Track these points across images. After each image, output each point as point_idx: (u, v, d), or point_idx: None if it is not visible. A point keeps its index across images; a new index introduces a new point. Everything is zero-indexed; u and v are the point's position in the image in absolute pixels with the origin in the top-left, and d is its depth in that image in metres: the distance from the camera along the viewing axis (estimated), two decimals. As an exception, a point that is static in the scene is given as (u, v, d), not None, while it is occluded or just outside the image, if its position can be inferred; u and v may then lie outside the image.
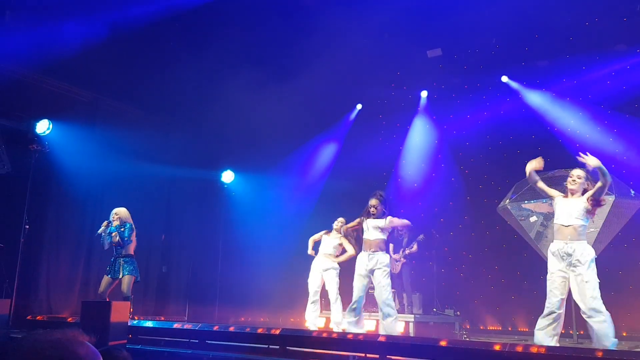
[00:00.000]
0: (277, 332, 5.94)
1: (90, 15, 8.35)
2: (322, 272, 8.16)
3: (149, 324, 7.13)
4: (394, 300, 10.30)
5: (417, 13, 10.05)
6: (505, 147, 10.79)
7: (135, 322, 6.91)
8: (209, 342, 6.36)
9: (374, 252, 6.75)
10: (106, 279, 7.47)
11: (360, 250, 7.10)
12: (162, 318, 9.57)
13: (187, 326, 6.83)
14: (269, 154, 11.62)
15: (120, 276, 7.38)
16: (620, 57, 9.74)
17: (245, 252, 10.71)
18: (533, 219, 8.98)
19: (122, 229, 7.47)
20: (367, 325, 9.55)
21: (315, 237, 8.57)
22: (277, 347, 5.82)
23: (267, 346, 5.90)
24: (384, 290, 6.67)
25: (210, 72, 9.96)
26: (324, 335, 5.71)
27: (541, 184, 6.00)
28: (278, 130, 11.49)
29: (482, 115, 11.13)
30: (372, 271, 6.77)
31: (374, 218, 6.86)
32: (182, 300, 10.77)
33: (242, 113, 10.69)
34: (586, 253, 5.37)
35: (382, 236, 6.85)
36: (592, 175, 5.65)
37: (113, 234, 7.45)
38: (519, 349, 4.54)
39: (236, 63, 9.95)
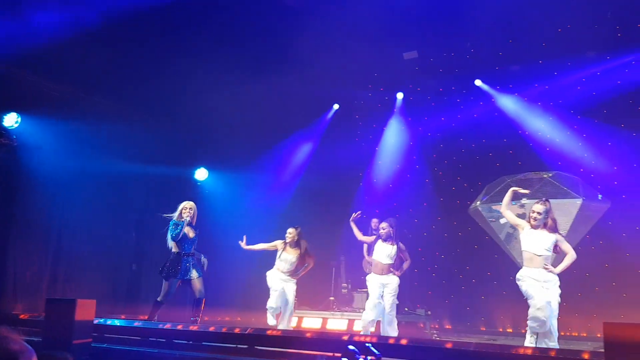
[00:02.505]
0: (246, 331, 5.91)
1: (62, 7, 8.20)
2: (284, 285, 7.87)
3: (115, 322, 7.02)
4: (366, 300, 10.39)
5: (393, 15, 10.11)
6: (478, 150, 10.94)
7: (101, 320, 6.80)
8: (177, 341, 6.29)
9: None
10: (173, 282, 7.25)
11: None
12: (126, 317, 9.45)
13: (154, 325, 6.75)
14: (244, 152, 11.57)
15: (195, 277, 7.31)
16: (590, 64, 9.94)
17: (218, 251, 10.59)
18: (503, 220, 9.10)
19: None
20: (339, 324, 9.60)
21: (267, 246, 8.12)
22: (246, 346, 5.79)
23: (235, 345, 5.86)
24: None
25: (185, 68, 9.85)
26: (292, 334, 5.71)
27: (509, 213, 6.47)
28: (254, 128, 11.45)
29: (456, 118, 11.26)
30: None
31: (383, 241, 7.46)
32: (153, 300, 10.61)
33: (217, 110, 10.62)
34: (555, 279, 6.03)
35: (392, 261, 7.51)
36: None
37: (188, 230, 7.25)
38: (487, 348, 4.59)
39: (212, 59, 9.87)
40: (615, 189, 9.39)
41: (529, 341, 5.86)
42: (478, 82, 11.10)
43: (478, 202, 9.63)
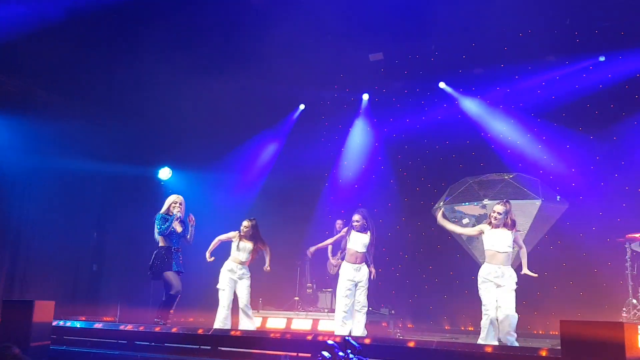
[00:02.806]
0: (210, 332, 5.86)
1: (19, 2, 7.98)
2: (237, 280, 7.66)
3: (75, 324, 6.87)
4: (331, 300, 10.42)
5: (359, 17, 10.20)
6: (442, 151, 11.10)
7: (60, 322, 6.65)
8: (138, 343, 6.20)
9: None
10: (172, 274, 7.07)
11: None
12: (87, 318, 9.26)
13: (115, 326, 6.63)
14: (208, 151, 11.45)
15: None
16: (550, 68, 10.21)
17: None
18: (465, 221, 9.26)
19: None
20: (303, 324, 9.60)
21: (224, 238, 7.82)
22: (209, 347, 5.74)
23: (198, 347, 5.81)
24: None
25: (147, 66, 9.71)
26: (256, 335, 5.69)
27: (465, 229, 7.03)
28: (219, 127, 11.36)
29: (420, 119, 11.41)
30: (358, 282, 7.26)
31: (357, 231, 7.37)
32: (113, 301, 10.42)
33: (182, 109, 10.51)
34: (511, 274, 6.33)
35: (366, 249, 7.45)
36: None
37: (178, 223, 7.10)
38: (449, 346, 4.66)
39: (175, 56, 9.77)
40: (573, 191, 9.65)
41: (481, 338, 6.08)
42: (442, 85, 11.27)
43: (441, 203, 9.77)
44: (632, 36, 9.62)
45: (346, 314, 7.12)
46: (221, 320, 7.35)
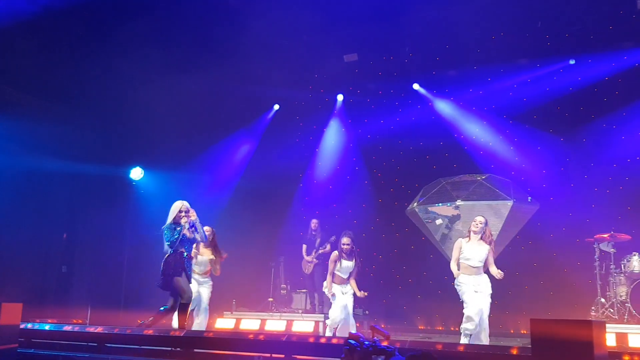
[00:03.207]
0: (182, 334, 5.79)
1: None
2: (198, 288, 7.65)
3: (43, 327, 6.71)
4: (306, 301, 10.42)
5: (334, 18, 10.21)
6: (416, 152, 11.17)
7: (28, 324, 6.49)
8: (109, 345, 6.09)
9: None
10: (184, 279, 6.69)
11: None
12: (59, 321, 9.07)
13: (85, 329, 6.50)
14: (181, 151, 11.34)
15: None
16: (522, 71, 10.36)
17: (153, 253, 10.34)
18: (439, 221, 9.35)
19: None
20: (277, 325, 9.57)
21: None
22: (181, 349, 5.67)
23: (170, 348, 5.73)
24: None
25: (118, 63, 9.57)
26: (229, 336, 5.64)
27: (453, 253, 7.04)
28: (192, 127, 11.25)
29: (394, 120, 11.48)
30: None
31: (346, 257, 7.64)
32: (84, 303, 10.23)
33: (154, 109, 10.37)
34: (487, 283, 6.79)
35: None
36: None
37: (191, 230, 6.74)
38: (422, 346, 4.69)
39: (147, 55, 9.64)
40: (543, 192, 9.81)
41: (463, 341, 6.38)
42: (416, 86, 11.35)
43: (415, 204, 9.84)
44: (601, 40, 9.84)
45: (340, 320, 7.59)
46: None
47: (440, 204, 9.45)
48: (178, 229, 6.65)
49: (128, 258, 10.82)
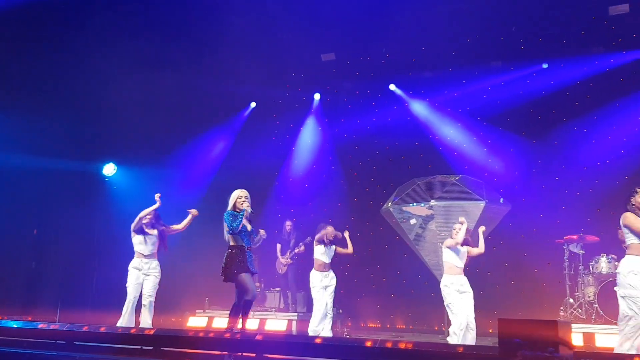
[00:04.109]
0: (151, 332, 5.72)
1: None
2: (144, 276, 7.39)
3: (11, 324, 6.58)
4: (279, 299, 10.40)
5: (312, 17, 10.22)
6: (391, 152, 11.25)
7: (-7, 322, 6.36)
8: (77, 343, 5.98)
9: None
10: (248, 276, 6.36)
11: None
12: (30, 318, 8.92)
13: (53, 326, 6.38)
14: (155, 147, 11.20)
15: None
16: (496, 74, 10.51)
17: (125, 250, 10.22)
18: (413, 221, 9.40)
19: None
20: (250, 324, 9.52)
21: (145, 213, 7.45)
22: (151, 347, 5.60)
23: (140, 347, 5.65)
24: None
25: (92, 57, 9.42)
26: (200, 335, 5.58)
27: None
28: (167, 123, 11.13)
29: (370, 120, 11.54)
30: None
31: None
32: (53, 300, 10.06)
33: (128, 104, 10.22)
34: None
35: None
36: None
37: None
38: (389, 344, 4.71)
39: (122, 49, 9.51)
40: (515, 193, 9.96)
41: (453, 340, 6.69)
42: (392, 87, 11.42)
43: (390, 203, 9.88)
44: (574, 45, 10.03)
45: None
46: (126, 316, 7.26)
47: (414, 204, 9.50)
48: (240, 214, 6.39)
49: (99, 255, 10.66)
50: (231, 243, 6.47)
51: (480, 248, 7.29)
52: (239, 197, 6.52)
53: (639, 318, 5.19)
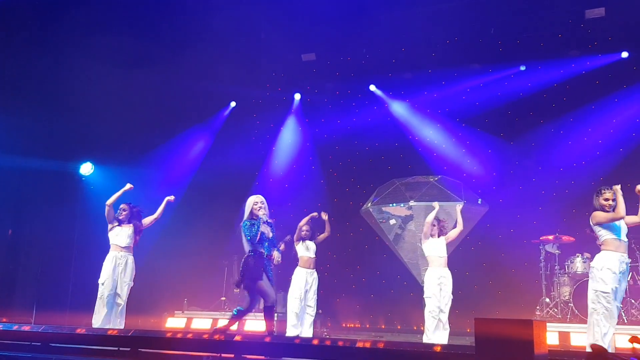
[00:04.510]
0: (129, 333, 5.68)
1: None
2: (120, 270, 7.21)
3: (-16, 326, 6.47)
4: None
5: (293, 17, 10.21)
6: (371, 153, 11.29)
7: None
8: (53, 345, 5.91)
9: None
10: (266, 282, 6.16)
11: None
12: (4, 320, 8.76)
13: (28, 328, 6.30)
14: (134, 146, 11.07)
15: None
16: (474, 75, 10.62)
17: (103, 251, 10.10)
18: (392, 221, 9.46)
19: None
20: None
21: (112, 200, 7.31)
22: (128, 349, 5.56)
23: (117, 348, 5.61)
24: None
25: (69, 55, 9.29)
26: (178, 336, 5.57)
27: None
28: (145, 122, 11.01)
29: (351, 121, 11.58)
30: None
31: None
32: (29, 302, 9.90)
33: (105, 102, 10.11)
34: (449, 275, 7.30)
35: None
36: None
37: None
38: (368, 344, 4.74)
39: (100, 47, 9.39)
40: (493, 194, 10.07)
41: (428, 324, 7.07)
42: (372, 88, 11.47)
43: (369, 204, 9.93)
44: (551, 48, 10.18)
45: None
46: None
47: (393, 204, 9.57)
48: (256, 223, 6.25)
49: (76, 256, 10.52)
50: (249, 250, 6.27)
51: (459, 226, 7.36)
52: (254, 203, 6.37)
53: (601, 314, 5.33)
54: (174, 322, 9.71)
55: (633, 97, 9.78)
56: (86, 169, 10.73)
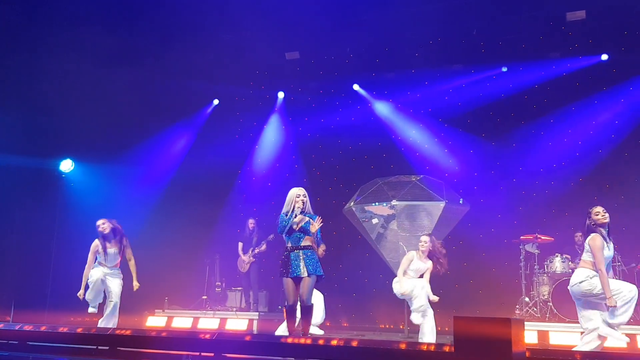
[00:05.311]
0: (108, 331, 5.62)
1: None
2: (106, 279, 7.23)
3: (-41, 325, 6.35)
4: (241, 299, 10.34)
5: (277, 15, 10.17)
6: (354, 152, 11.32)
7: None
8: (31, 343, 5.83)
9: None
10: (285, 281, 5.95)
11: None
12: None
13: (5, 326, 6.20)
14: (115, 143, 10.96)
15: (305, 275, 5.95)
16: (457, 76, 10.70)
17: (83, 249, 9.99)
18: (375, 221, 9.47)
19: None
20: (210, 324, 9.44)
21: (90, 259, 7.34)
22: (107, 347, 5.50)
23: (95, 347, 5.55)
24: None
25: (48, 51, 9.16)
26: (157, 334, 5.51)
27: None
28: (127, 119, 10.91)
29: (334, 120, 11.59)
30: None
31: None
32: (7, 301, 9.76)
33: (86, 99, 10.00)
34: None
35: None
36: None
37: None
38: (348, 343, 4.74)
39: (80, 43, 9.29)
40: (474, 194, 10.15)
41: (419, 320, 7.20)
42: (356, 87, 11.50)
43: (352, 203, 9.94)
44: (532, 50, 10.28)
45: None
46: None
47: (376, 204, 9.58)
48: (289, 215, 6.03)
49: (56, 255, 10.39)
50: (286, 244, 6.15)
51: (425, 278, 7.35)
52: (297, 195, 6.16)
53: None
54: (155, 321, 9.64)
55: (612, 99, 9.93)
56: (66, 166, 10.63)
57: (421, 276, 7.35)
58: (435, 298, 7.22)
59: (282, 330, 7.60)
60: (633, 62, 9.70)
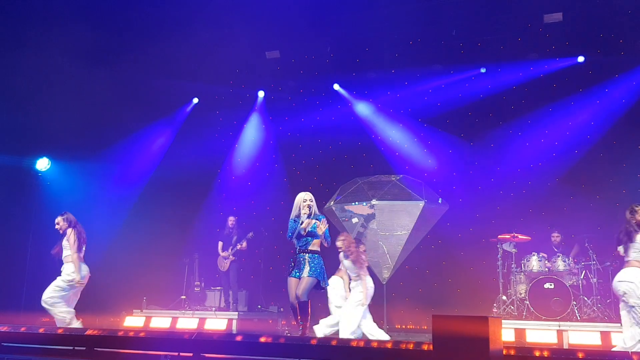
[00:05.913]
0: (84, 332, 5.55)
1: None
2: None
3: None
4: (220, 298, 10.29)
5: (257, 13, 10.15)
6: (334, 152, 11.34)
7: None
8: (5, 344, 5.74)
9: None
10: (289, 281, 6.22)
11: None
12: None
13: (-22, 328, 6.10)
14: (92, 142, 10.82)
15: (305, 275, 6.20)
16: (436, 76, 10.78)
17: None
18: (355, 220, 9.51)
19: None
20: (189, 323, 9.38)
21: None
22: (84, 348, 5.43)
23: (72, 348, 5.48)
24: None
25: (23, 49, 9.00)
26: (135, 335, 5.46)
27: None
28: (105, 117, 10.78)
29: (315, 119, 11.59)
30: None
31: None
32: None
33: (63, 97, 9.84)
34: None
35: None
36: None
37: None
38: (327, 342, 4.76)
39: (57, 41, 9.14)
40: (453, 193, 10.24)
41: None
42: (336, 87, 11.52)
43: (332, 202, 9.96)
44: (511, 51, 10.41)
45: None
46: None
47: (356, 203, 9.63)
48: (297, 220, 6.20)
49: (31, 255, 10.23)
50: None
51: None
52: (303, 200, 6.29)
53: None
54: (133, 321, 9.54)
55: (588, 101, 10.09)
56: (42, 164, 10.46)
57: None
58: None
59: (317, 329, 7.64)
60: (609, 64, 9.88)
